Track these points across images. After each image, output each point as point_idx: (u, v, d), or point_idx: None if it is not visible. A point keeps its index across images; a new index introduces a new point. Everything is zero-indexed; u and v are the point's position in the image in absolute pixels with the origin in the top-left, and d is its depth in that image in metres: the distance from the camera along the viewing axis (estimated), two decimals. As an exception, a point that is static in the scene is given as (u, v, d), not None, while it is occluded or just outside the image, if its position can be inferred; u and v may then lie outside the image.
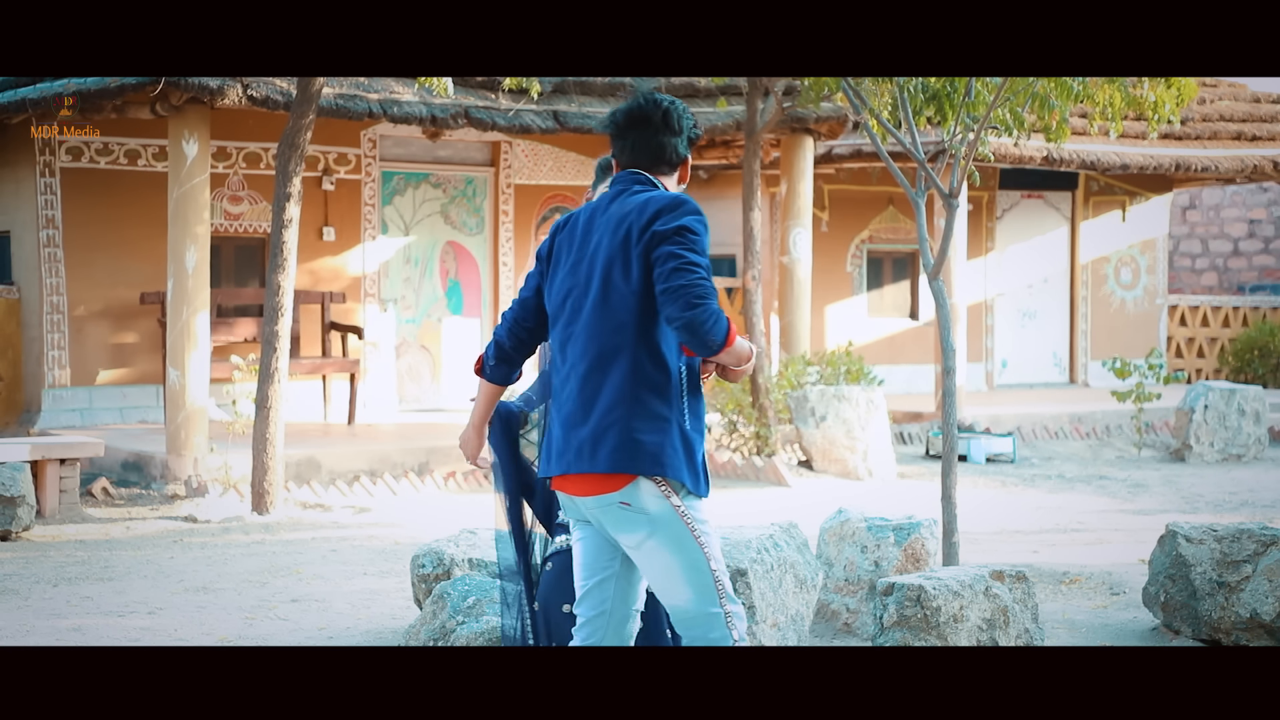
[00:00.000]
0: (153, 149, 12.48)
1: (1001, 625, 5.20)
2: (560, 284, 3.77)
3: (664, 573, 3.65)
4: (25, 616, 6.49)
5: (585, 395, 3.66)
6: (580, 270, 3.72)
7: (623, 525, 3.65)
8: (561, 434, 3.71)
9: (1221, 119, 16.98)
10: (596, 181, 4.36)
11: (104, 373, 12.52)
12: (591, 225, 3.77)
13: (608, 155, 4.01)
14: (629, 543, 3.67)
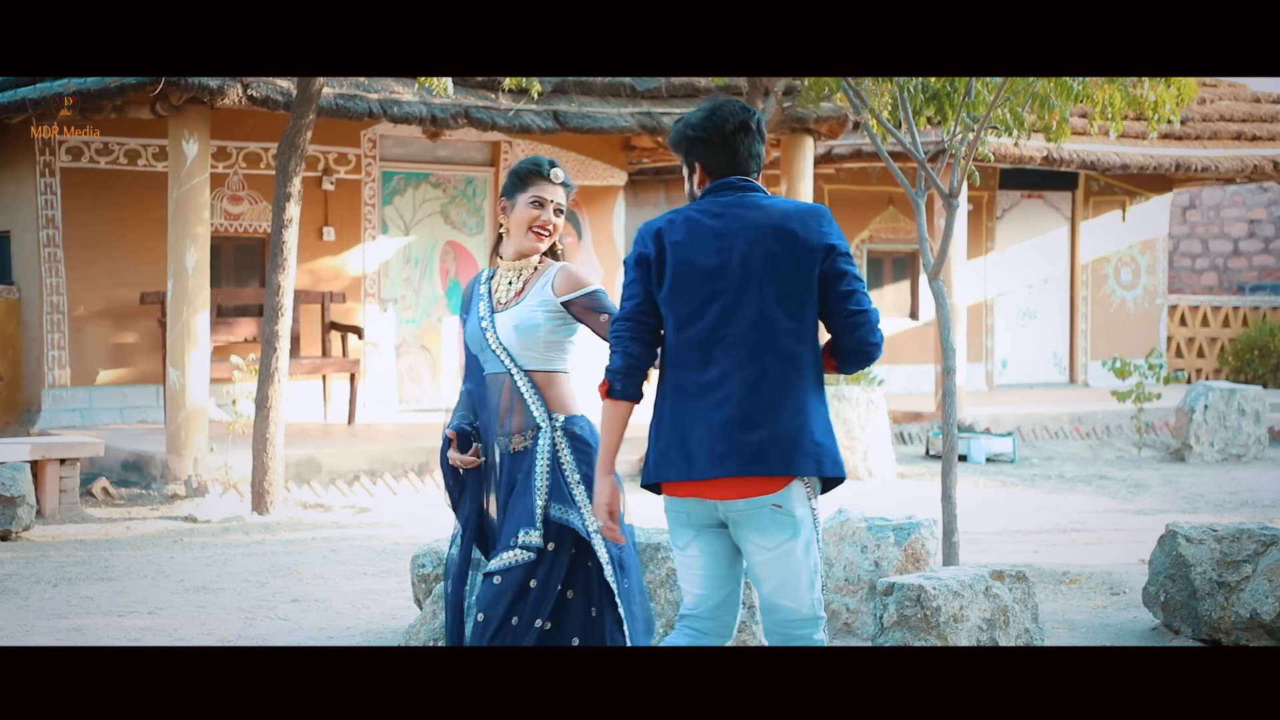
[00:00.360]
0: (153, 149, 12.48)
1: (1001, 625, 5.20)
2: (695, 289, 3.72)
3: (793, 576, 3.70)
4: (25, 616, 6.49)
5: (756, 400, 3.66)
6: (729, 275, 3.70)
7: (768, 528, 3.67)
8: (720, 437, 3.65)
9: (1222, 119, 16.98)
10: (515, 189, 4.20)
11: (104, 373, 12.52)
12: (725, 230, 3.74)
13: (527, 161, 4.21)
14: (767, 545, 3.68)
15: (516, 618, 3.98)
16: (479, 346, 4.19)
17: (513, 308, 4.17)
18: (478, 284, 4.27)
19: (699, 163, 3.87)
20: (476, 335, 4.19)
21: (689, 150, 3.89)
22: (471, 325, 4.22)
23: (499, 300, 4.20)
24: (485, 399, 4.19)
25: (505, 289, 4.21)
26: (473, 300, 4.25)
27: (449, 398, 13.86)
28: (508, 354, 4.14)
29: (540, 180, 4.16)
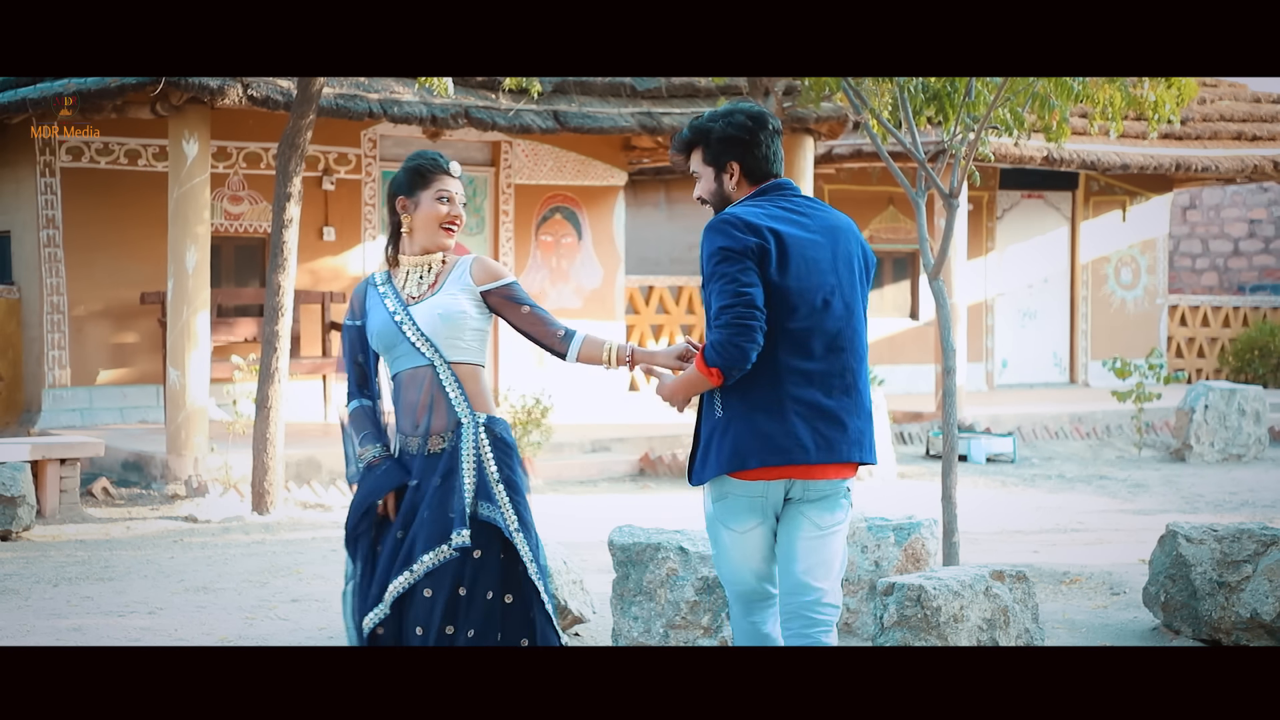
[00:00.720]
0: (153, 149, 12.48)
1: (1002, 625, 5.20)
2: (813, 283, 3.88)
3: (832, 556, 3.95)
4: (25, 616, 6.49)
5: (857, 390, 3.95)
6: (840, 272, 3.93)
7: (834, 509, 3.96)
8: (830, 424, 3.88)
9: (1222, 119, 16.98)
10: (417, 186, 4.09)
11: (104, 373, 12.52)
12: (820, 229, 3.94)
13: (424, 158, 4.11)
14: (824, 524, 3.93)
15: (452, 627, 3.89)
16: (391, 342, 4.05)
17: (430, 298, 4.07)
18: (371, 286, 4.14)
19: (737, 164, 3.98)
20: (389, 330, 4.05)
21: (727, 150, 3.97)
22: (379, 322, 4.08)
23: (410, 295, 4.08)
24: (398, 399, 4.07)
25: (415, 284, 4.10)
26: (367, 302, 4.13)
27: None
28: (430, 344, 4.02)
29: (443, 175, 4.10)
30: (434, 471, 4.01)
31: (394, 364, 4.09)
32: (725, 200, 3.99)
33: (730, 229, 3.83)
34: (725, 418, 3.87)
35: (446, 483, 3.99)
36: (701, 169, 4.01)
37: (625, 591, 5.52)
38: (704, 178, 4.02)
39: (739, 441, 3.84)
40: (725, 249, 3.81)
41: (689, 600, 5.33)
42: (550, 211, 14.45)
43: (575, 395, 13.74)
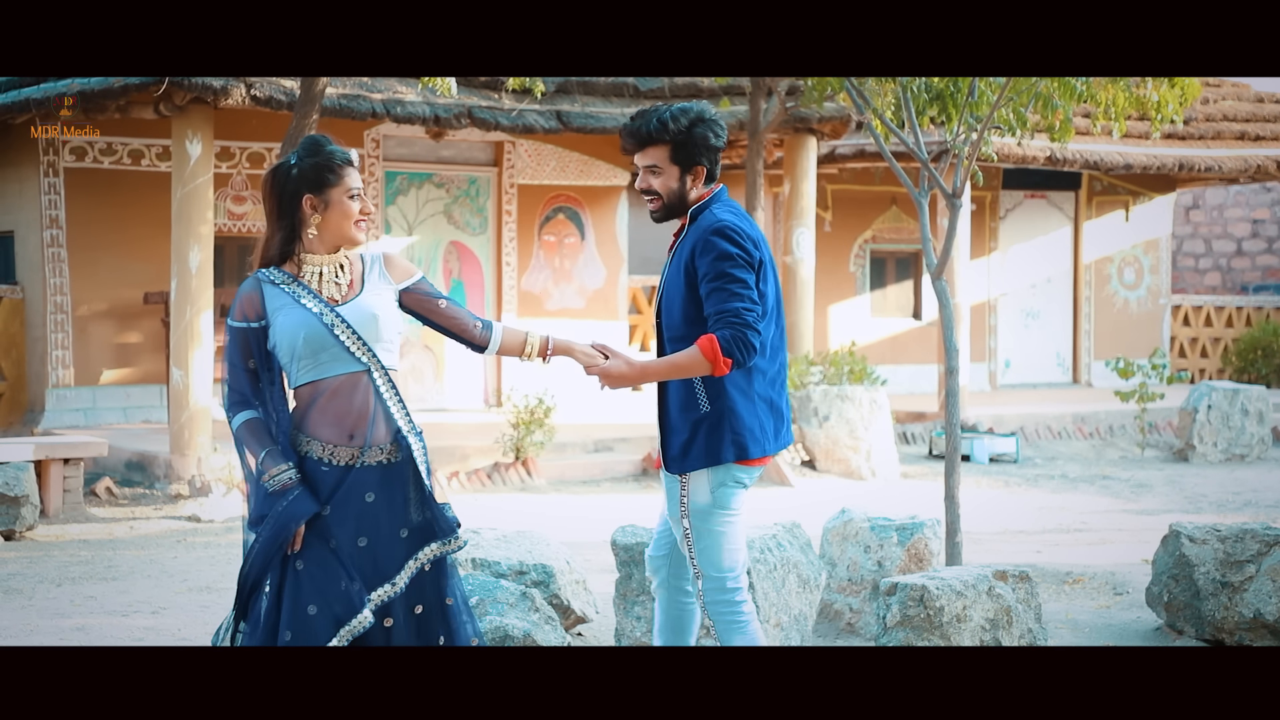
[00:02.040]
0: (156, 149, 12.49)
1: (1005, 625, 5.20)
2: (775, 288, 4.22)
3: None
4: (29, 616, 6.49)
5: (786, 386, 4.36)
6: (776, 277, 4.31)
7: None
8: (785, 414, 4.26)
9: (1225, 119, 16.97)
10: (326, 184, 3.82)
11: (108, 372, 12.53)
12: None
13: (326, 152, 3.79)
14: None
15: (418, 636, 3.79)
16: (318, 345, 3.71)
17: (356, 298, 3.79)
18: (268, 284, 3.76)
19: (704, 167, 4.17)
20: (317, 333, 3.71)
21: (701, 153, 4.16)
22: (297, 323, 3.71)
23: (331, 295, 3.77)
24: (319, 407, 3.73)
25: (331, 284, 3.79)
26: (269, 302, 3.74)
27: (452, 397, 13.86)
28: (366, 348, 3.74)
29: (351, 170, 3.81)
30: (392, 483, 3.75)
31: (315, 370, 3.74)
32: (683, 199, 4.18)
33: (741, 239, 4.08)
34: (715, 410, 4.11)
35: (402, 499, 3.76)
36: (666, 166, 4.16)
37: (628, 591, 5.52)
38: (665, 175, 4.16)
39: (741, 430, 4.11)
40: (740, 257, 4.06)
41: (692, 600, 5.33)
42: (553, 211, 14.45)
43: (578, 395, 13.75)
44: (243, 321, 3.77)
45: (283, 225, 3.79)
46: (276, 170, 3.80)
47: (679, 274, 4.15)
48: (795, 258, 13.14)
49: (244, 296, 3.78)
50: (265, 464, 3.70)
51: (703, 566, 4.16)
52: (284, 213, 3.79)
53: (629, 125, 4.19)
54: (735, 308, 4.00)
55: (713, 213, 4.15)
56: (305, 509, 3.67)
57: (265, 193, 3.81)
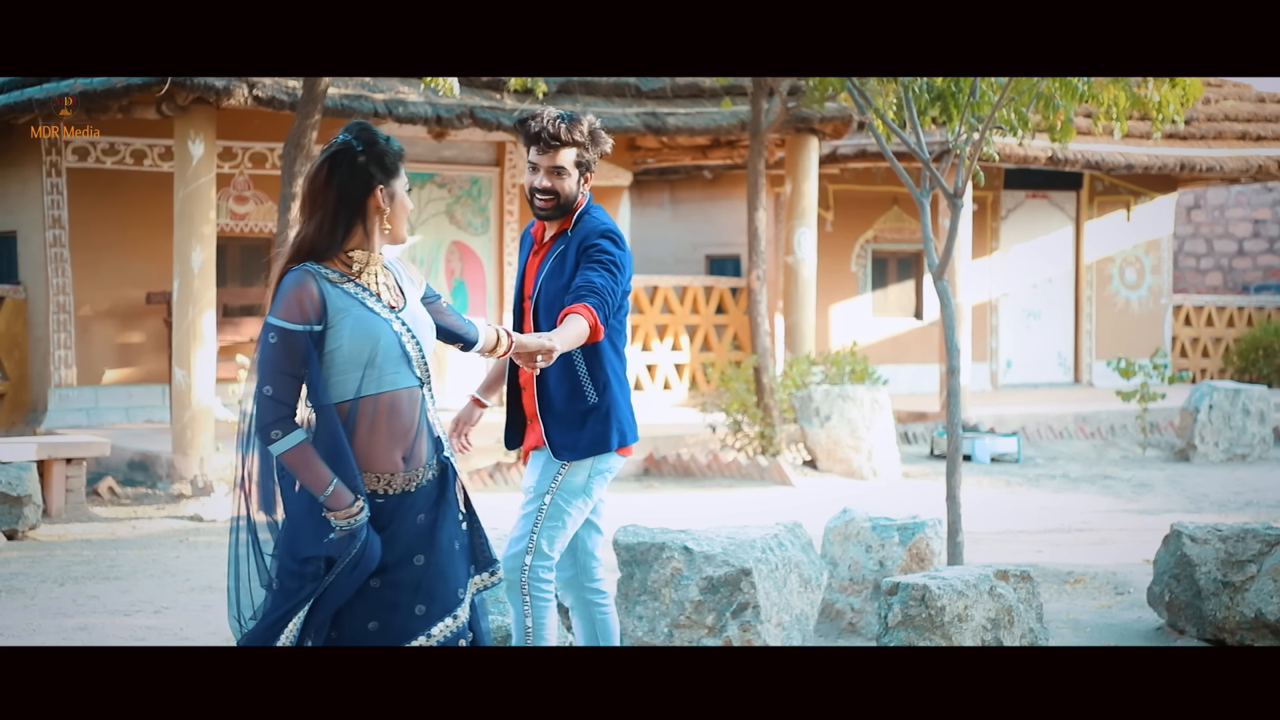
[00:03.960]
0: (159, 149, 12.50)
1: (1006, 625, 5.21)
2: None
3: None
4: (32, 615, 6.50)
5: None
6: None
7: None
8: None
9: (1226, 119, 16.97)
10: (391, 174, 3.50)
11: (110, 372, 12.54)
12: None
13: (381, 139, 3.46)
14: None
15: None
16: (389, 355, 3.37)
17: (408, 306, 3.49)
18: (326, 282, 3.36)
19: (592, 174, 4.45)
20: (390, 341, 3.38)
21: (596, 160, 4.45)
22: (374, 330, 3.37)
23: (389, 300, 3.44)
24: (384, 427, 3.36)
25: (384, 288, 3.45)
26: (333, 302, 3.35)
27: (454, 397, 13.85)
28: (424, 361, 3.45)
29: (403, 161, 3.51)
30: (440, 499, 3.47)
31: (379, 382, 3.37)
32: (573, 202, 4.41)
33: (623, 245, 4.40)
34: (604, 402, 4.41)
35: (466, 508, 3.53)
36: (570, 169, 4.38)
37: (630, 591, 5.53)
38: (571, 177, 4.38)
39: (623, 421, 4.45)
40: (620, 259, 4.34)
41: (693, 600, 5.34)
42: (555, 211, 14.45)
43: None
44: (301, 323, 3.30)
45: (342, 216, 3.38)
46: (340, 153, 3.39)
47: (561, 274, 4.36)
48: (797, 257, 13.14)
49: (302, 293, 3.31)
50: (334, 499, 3.30)
51: (540, 542, 4.43)
52: (346, 202, 3.38)
53: (544, 127, 4.35)
54: (602, 285, 4.22)
55: (594, 217, 4.41)
56: (377, 554, 3.32)
57: (320, 178, 3.39)
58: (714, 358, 15.24)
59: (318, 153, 4.38)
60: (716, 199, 17.24)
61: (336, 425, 3.34)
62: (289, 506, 3.41)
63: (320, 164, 3.42)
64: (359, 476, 3.35)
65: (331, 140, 3.48)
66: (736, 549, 5.35)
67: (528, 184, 4.41)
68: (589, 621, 4.61)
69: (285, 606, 3.34)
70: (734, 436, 11.92)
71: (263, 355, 3.34)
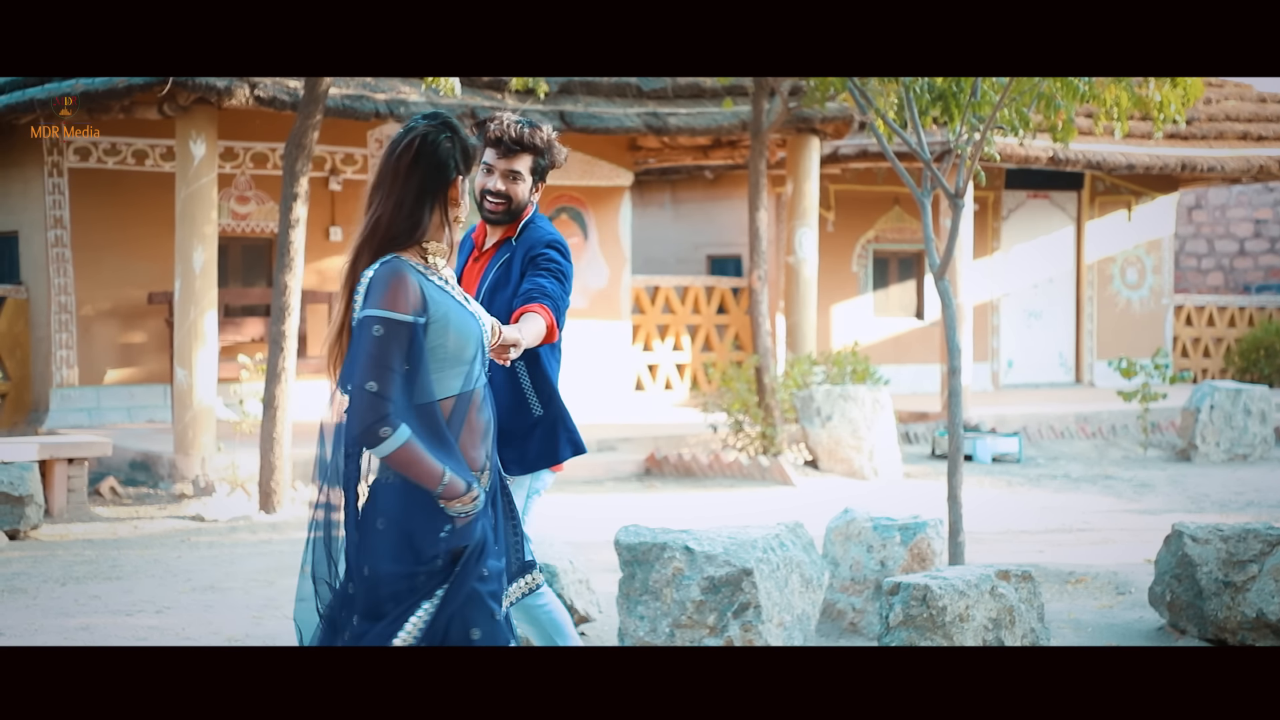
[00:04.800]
0: (160, 149, 12.51)
1: (1007, 625, 5.21)
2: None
3: None
4: (34, 615, 6.51)
5: None
6: None
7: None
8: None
9: (1227, 119, 16.97)
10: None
11: (112, 372, 12.55)
12: None
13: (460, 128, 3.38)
14: None
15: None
16: (475, 351, 3.30)
17: (474, 301, 3.45)
18: (419, 274, 3.25)
19: (543, 184, 4.43)
20: (478, 338, 3.31)
21: (550, 170, 4.42)
22: (475, 322, 3.31)
23: (464, 298, 3.37)
24: (473, 424, 3.29)
25: (453, 285, 3.36)
26: (432, 293, 3.24)
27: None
28: (486, 357, 3.40)
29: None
30: (499, 492, 3.42)
31: (469, 380, 3.27)
32: (522, 208, 4.37)
33: (569, 256, 4.37)
34: (548, 412, 4.34)
35: (507, 500, 3.47)
36: (526, 175, 4.35)
37: (631, 591, 5.53)
38: (525, 183, 4.36)
39: (572, 431, 4.41)
40: (568, 269, 4.34)
41: (695, 600, 5.34)
42: (556, 211, 14.46)
43: (581, 395, 13.75)
44: (412, 315, 3.14)
45: (425, 201, 3.23)
46: (426, 138, 3.23)
47: (506, 283, 4.29)
48: (798, 258, 13.14)
49: (405, 284, 3.15)
50: (451, 489, 3.16)
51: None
52: (429, 187, 3.23)
53: (505, 130, 4.29)
54: (553, 290, 4.21)
55: (540, 226, 4.36)
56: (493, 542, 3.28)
57: (405, 160, 3.22)
58: (715, 358, 15.25)
59: (319, 152, 4.38)
60: (718, 199, 17.23)
61: (440, 422, 3.18)
62: (390, 515, 3.20)
63: (403, 145, 3.24)
64: (466, 467, 3.23)
65: (408, 124, 3.29)
66: (738, 549, 5.35)
67: (479, 186, 4.32)
68: (536, 623, 4.42)
69: (403, 606, 3.19)
70: (735, 436, 11.93)
71: (365, 349, 3.11)
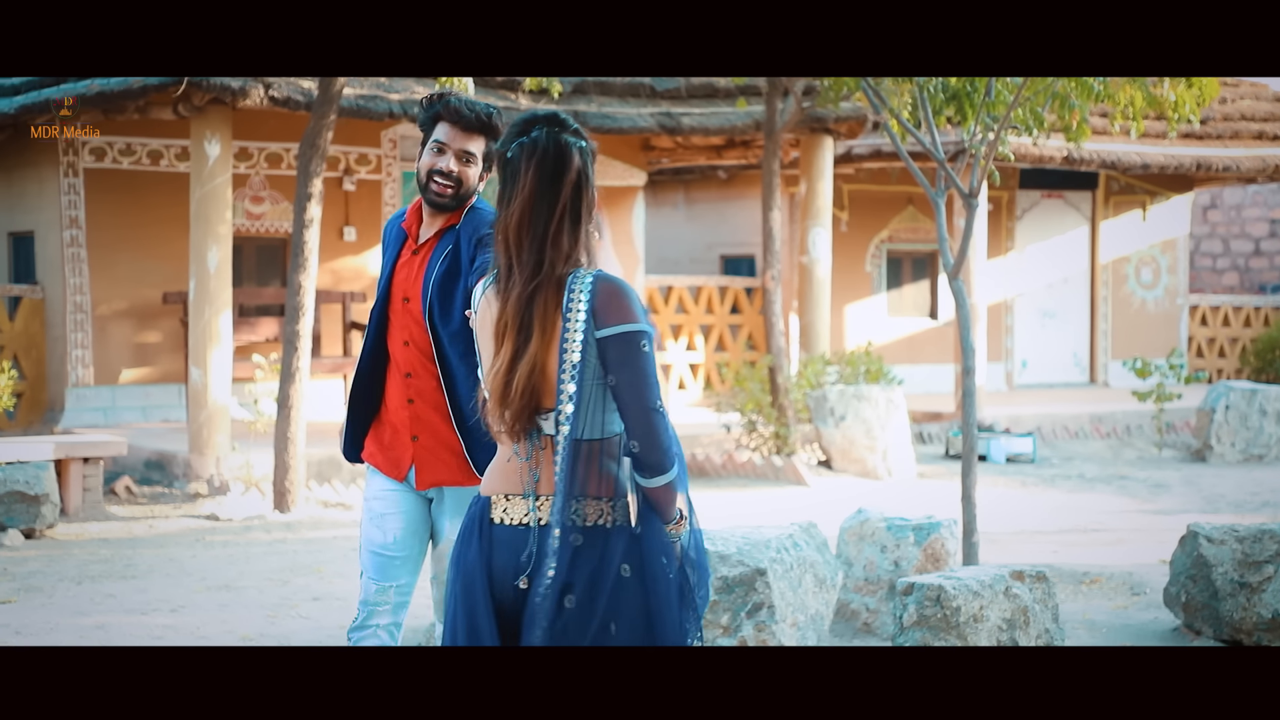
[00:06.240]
0: (175, 149, 12.54)
1: (1021, 625, 5.20)
2: None
3: None
4: (49, 614, 6.53)
5: None
6: None
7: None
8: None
9: (1243, 118, 16.92)
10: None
11: (127, 372, 12.59)
12: None
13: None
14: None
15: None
16: None
17: None
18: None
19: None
20: None
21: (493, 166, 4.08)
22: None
23: None
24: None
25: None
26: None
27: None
28: None
29: None
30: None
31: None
32: (470, 196, 4.01)
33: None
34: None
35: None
36: (479, 159, 3.96)
37: (645, 591, 5.53)
38: (476, 167, 3.97)
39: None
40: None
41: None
42: (570, 211, 14.46)
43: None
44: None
45: (588, 218, 3.19)
46: (583, 152, 3.24)
47: (457, 275, 3.86)
48: (811, 257, 13.13)
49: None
50: (680, 520, 3.01)
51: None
52: (590, 206, 3.20)
53: (464, 103, 3.99)
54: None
55: (484, 209, 4.00)
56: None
57: (586, 175, 3.21)
58: (729, 358, 15.24)
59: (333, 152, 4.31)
60: (731, 199, 17.22)
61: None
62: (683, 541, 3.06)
63: (571, 155, 3.18)
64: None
65: (551, 132, 3.16)
66: (751, 549, 5.35)
67: (426, 166, 3.99)
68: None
69: (699, 613, 3.18)
70: (749, 436, 11.92)
71: (648, 369, 2.91)
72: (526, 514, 2.93)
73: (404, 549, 3.88)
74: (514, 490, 2.95)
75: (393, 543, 3.87)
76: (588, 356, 2.88)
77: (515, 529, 2.94)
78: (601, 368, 2.89)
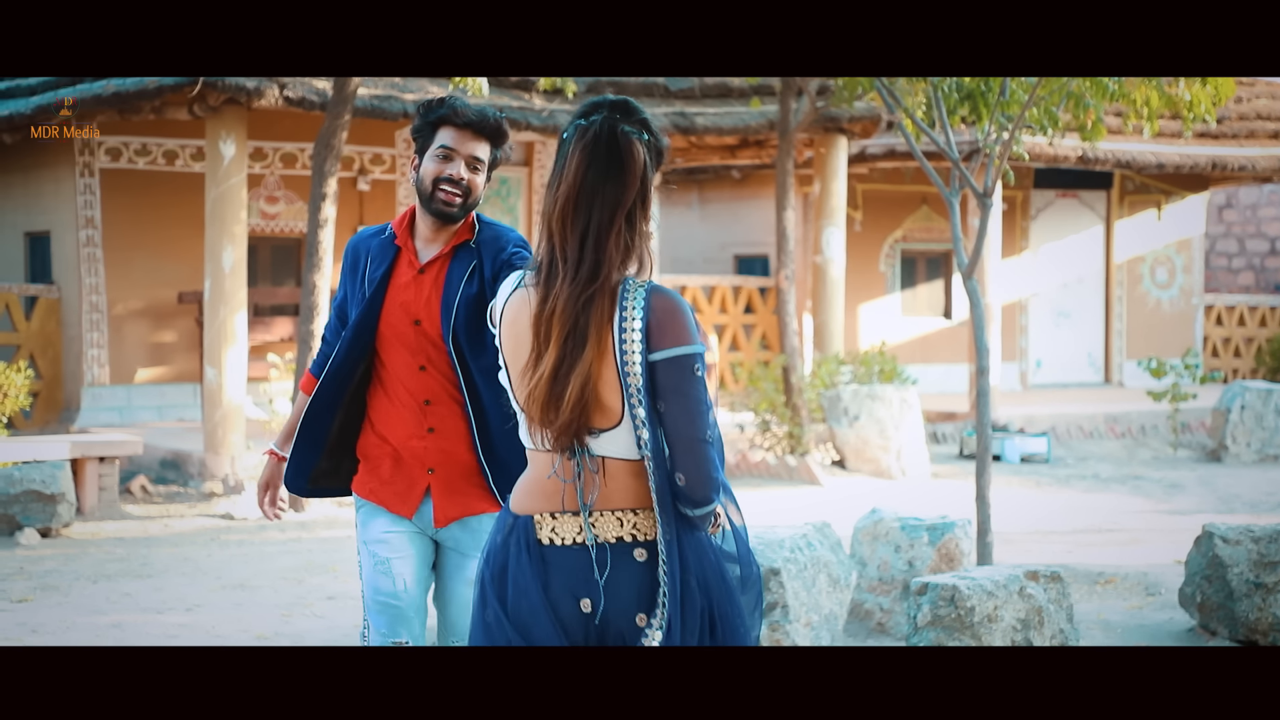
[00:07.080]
0: (190, 149, 12.58)
1: (1036, 625, 5.20)
2: None
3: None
4: (65, 613, 6.56)
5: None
6: None
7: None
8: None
9: (1259, 118, 16.86)
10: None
11: (142, 371, 12.63)
12: None
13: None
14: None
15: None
16: None
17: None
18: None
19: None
20: None
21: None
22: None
23: None
24: None
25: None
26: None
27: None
28: None
29: None
30: None
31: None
32: (475, 205, 3.70)
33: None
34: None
35: None
36: (485, 166, 3.69)
37: (659, 590, 5.54)
38: (483, 175, 3.68)
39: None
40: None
41: (723, 599, 5.35)
42: (584, 211, 14.47)
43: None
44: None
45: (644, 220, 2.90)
46: (648, 147, 2.88)
47: (481, 295, 3.54)
48: (826, 257, 13.12)
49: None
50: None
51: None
52: (646, 208, 2.90)
53: (477, 109, 3.72)
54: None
55: (495, 224, 3.71)
56: None
57: (649, 173, 2.89)
58: (742, 357, 15.24)
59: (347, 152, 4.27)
60: (745, 199, 17.22)
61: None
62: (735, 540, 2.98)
63: (629, 148, 2.84)
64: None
65: (610, 119, 2.82)
66: (765, 549, 5.35)
67: (432, 173, 3.62)
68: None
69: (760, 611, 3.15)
70: (762, 436, 11.92)
71: (701, 395, 2.72)
72: (580, 532, 2.76)
73: (416, 597, 3.61)
74: (556, 508, 2.77)
75: (403, 591, 3.58)
76: (646, 379, 2.68)
77: (568, 549, 2.77)
78: (650, 391, 2.69)
